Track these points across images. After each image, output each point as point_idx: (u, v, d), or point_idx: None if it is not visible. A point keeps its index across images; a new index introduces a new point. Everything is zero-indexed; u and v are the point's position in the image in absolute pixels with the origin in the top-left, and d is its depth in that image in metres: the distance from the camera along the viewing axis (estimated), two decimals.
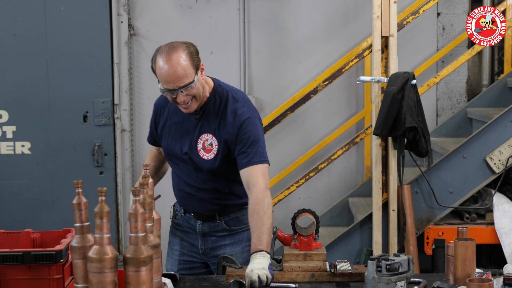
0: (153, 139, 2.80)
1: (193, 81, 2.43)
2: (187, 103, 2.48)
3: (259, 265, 2.29)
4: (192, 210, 2.73)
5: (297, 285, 2.33)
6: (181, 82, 2.41)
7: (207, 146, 2.58)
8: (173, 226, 2.83)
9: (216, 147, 2.56)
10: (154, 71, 2.47)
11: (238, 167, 2.54)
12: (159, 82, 2.47)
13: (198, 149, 2.59)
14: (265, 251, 2.35)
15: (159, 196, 2.80)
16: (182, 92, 2.43)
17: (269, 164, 2.57)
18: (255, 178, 2.49)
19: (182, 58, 2.41)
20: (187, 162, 2.63)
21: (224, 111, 2.56)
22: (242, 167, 2.52)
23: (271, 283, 2.31)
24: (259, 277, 2.24)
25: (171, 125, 2.66)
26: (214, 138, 2.57)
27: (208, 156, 2.58)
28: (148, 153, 2.92)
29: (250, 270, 2.27)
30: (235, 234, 2.72)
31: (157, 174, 2.87)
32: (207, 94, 2.58)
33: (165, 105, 2.69)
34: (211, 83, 2.61)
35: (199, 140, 2.59)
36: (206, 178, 2.63)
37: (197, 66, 2.46)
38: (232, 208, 2.70)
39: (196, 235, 2.73)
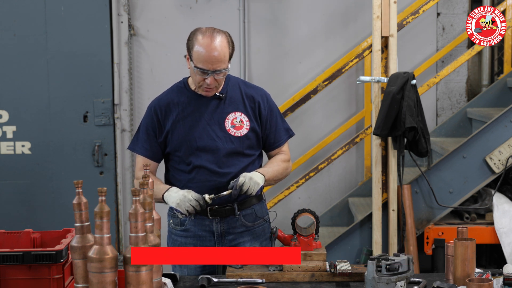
0: (149, 146, 2.66)
1: (227, 68, 2.54)
2: (213, 87, 2.57)
3: (255, 177, 2.54)
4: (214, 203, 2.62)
5: (263, 280, 2.33)
6: (217, 66, 2.51)
7: (237, 123, 2.64)
8: (178, 235, 2.72)
9: (248, 122, 2.65)
10: (190, 50, 2.53)
11: (271, 146, 2.76)
12: (191, 61, 2.53)
13: (227, 128, 2.63)
14: (265, 177, 2.62)
15: None
16: (214, 75, 2.52)
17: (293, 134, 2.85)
18: (285, 151, 2.81)
19: (224, 44, 2.52)
20: (211, 147, 2.61)
21: (247, 91, 2.70)
22: (272, 147, 2.77)
23: (240, 279, 2.33)
24: (244, 182, 2.50)
25: (186, 116, 2.63)
26: (243, 115, 2.65)
27: (241, 132, 2.64)
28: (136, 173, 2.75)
29: (244, 175, 2.53)
30: (252, 229, 2.72)
31: None
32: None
33: (168, 103, 2.65)
34: None
35: (226, 120, 2.64)
36: (227, 161, 2.62)
37: (231, 56, 2.57)
38: (251, 199, 2.70)
39: (211, 237, 2.67)
